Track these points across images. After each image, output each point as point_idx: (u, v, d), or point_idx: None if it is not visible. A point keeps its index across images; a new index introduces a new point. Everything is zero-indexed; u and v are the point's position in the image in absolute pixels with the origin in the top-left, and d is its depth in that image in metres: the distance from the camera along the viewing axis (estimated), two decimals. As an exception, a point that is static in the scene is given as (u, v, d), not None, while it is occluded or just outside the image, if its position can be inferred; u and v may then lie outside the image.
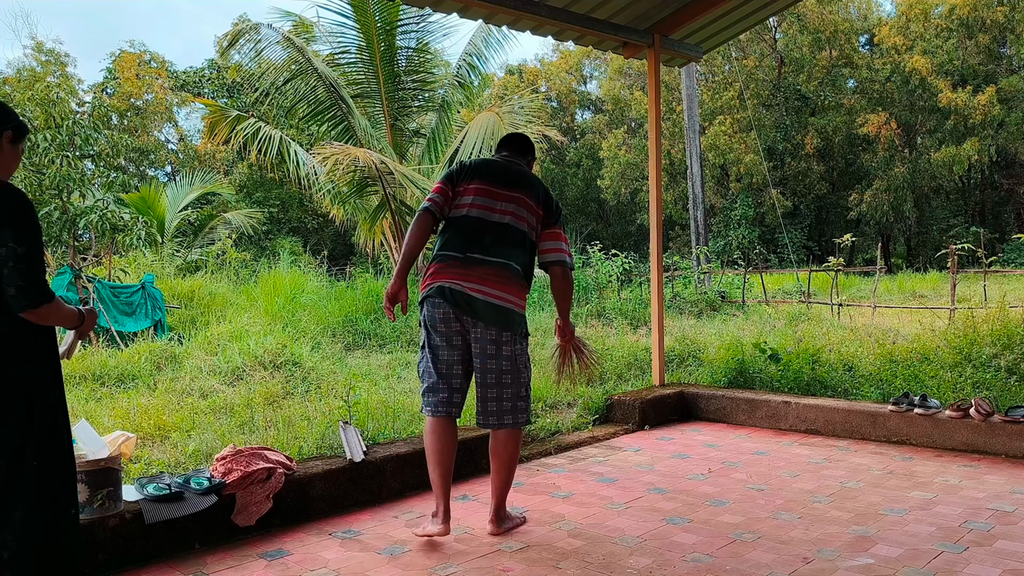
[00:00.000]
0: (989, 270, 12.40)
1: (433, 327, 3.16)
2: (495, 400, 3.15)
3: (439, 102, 14.58)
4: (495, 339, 3.11)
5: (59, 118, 9.68)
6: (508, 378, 3.14)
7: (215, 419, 4.94)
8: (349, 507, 3.58)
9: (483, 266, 3.10)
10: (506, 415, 3.15)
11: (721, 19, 5.66)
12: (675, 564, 2.87)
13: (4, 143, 2.25)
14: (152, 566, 2.93)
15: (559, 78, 37.17)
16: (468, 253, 3.12)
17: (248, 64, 14.88)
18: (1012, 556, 2.86)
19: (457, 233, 3.17)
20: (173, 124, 33.48)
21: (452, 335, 3.14)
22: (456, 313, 3.10)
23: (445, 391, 3.18)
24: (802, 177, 29.36)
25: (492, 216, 3.16)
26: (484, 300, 3.07)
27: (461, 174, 3.25)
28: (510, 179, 3.25)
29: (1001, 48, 28.40)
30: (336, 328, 9.41)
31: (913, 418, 4.53)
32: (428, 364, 3.21)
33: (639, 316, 10.74)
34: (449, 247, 3.16)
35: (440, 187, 3.22)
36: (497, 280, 3.10)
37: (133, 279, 10.42)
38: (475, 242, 3.13)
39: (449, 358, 3.17)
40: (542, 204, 3.26)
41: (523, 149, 3.47)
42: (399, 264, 3.17)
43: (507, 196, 3.20)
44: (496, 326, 3.10)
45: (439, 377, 3.17)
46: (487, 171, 3.26)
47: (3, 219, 2.11)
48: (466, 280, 3.08)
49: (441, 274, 3.13)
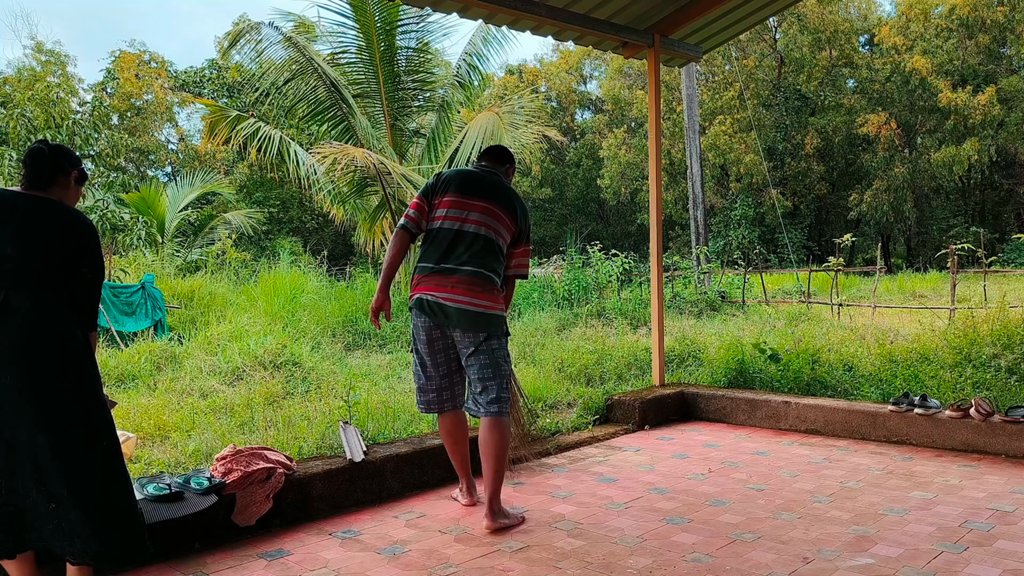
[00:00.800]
0: (989, 270, 12.40)
1: (417, 336, 3.44)
2: (481, 393, 3.38)
3: (439, 102, 14.58)
4: (473, 340, 3.35)
5: (59, 118, 9.69)
6: (489, 372, 3.36)
7: (215, 419, 4.94)
8: (349, 507, 3.58)
9: (456, 275, 3.33)
10: (492, 404, 3.35)
11: (721, 19, 5.66)
12: (675, 564, 2.87)
13: (72, 181, 2.60)
14: (152, 566, 2.93)
15: (559, 78, 37.18)
16: (442, 264, 3.36)
17: (249, 64, 14.88)
18: (1012, 556, 2.86)
19: (432, 245, 3.41)
20: (173, 124, 33.50)
21: (434, 341, 3.41)
22: (435, 322, 3.36)
23: (434, 391, 3.49)
24: (802, 177, 29.36)
25: (464, 226, 3.37)
26: (457, 308, 3.30)
27: (436, 187, 3.46)
28: (483, 189, 3.44)
29: (1001, 48, 28.40)
30: (336, 328, 9.41)
31: (913, 418, 4.53)
32: (417, 367, 3.52)
33: (639, 316, 10.73)
34: (426, 259, 3.41)
35: (416, 203, 3.45)
36: (470, 287, 3.32)
37: (133, 279, 10.42)
38: (448, 253, 3.36)
39: (434, 362, 3.44)
40: (517, 221, 3.49)
41: (501, 158, 3.66)
42: (381, 279, 3.44)
43: (479, 207, 3.40)
44: (472, 329, 3.33)
45: (427, 379, 3.48)
46: (460, 183, 3.45)
47: (85, 246, 2.49)
48: (441, 290, 3.33)
49: (420, 286, 3.39)
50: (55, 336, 2.40)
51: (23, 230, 2.41)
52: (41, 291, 2.40)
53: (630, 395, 5.35)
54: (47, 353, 2.38)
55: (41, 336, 2.38)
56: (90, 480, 2.39)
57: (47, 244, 2.42)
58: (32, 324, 2.38)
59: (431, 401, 3.50)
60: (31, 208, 2.44)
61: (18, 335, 2.36)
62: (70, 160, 2.60)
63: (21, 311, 2.37)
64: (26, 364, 2.35)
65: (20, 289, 2.38)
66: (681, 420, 5.42)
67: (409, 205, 3.47)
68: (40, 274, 2.41)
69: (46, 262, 2.41)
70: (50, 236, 2.43)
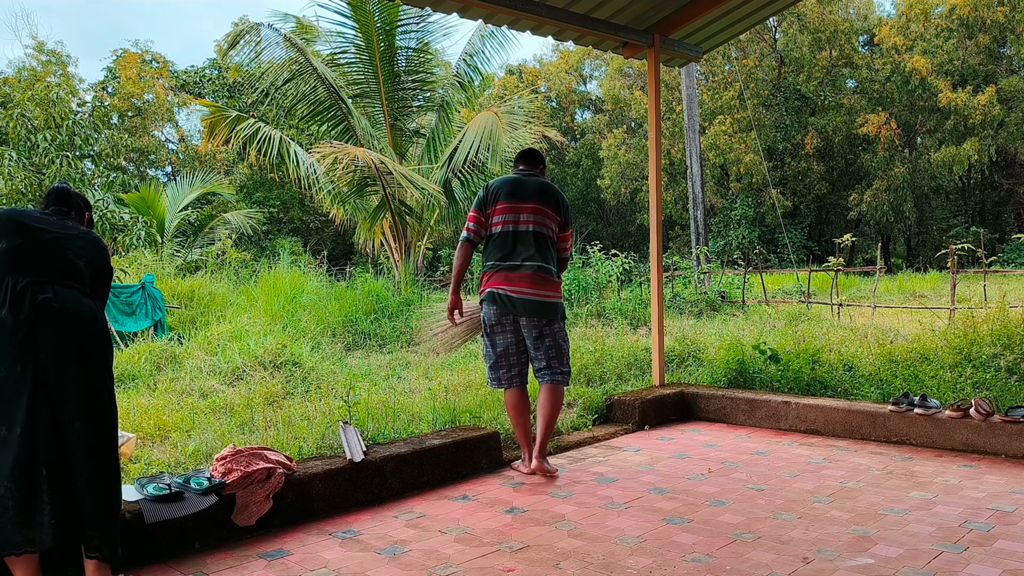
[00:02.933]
0: (989, 270, 12.39)
1: (489, 322, 4.07)
2: (546, 369, 4.05)
3: (439, 102, 14.58)
4: (536, 324, 4.01)
5: (59, 118, 9.68)
6: (552, 352, 4.04)
7: (215, 419, 4.94)
8: (349, 507, 3.58)
9: (520, 270, 3.97)
10: (556, 374, 4.06)
11: (721, 19, 5.66)
12: (675, 564, 2.87)
13: (86, 222, 2.95)
14: (152, 566, 2.93)
15: (559, 78, 37.16)
16: (508, 262, 3.99)
17: (248, 65, 14.87)
18: (1012, 556, 2.86)
19: (496, 247, 4.03)
20: (174, 124, 33.49)
21: (505, 327, 4.05)
22: (504, 310, 4.00)
23: (505, 368, 4.08)
24: (802, 177, 29.36)
25: (519, 227, 4.00)
26: (523, 299, 3.96)
27: (487, 199, 4.06)
28: (529, 192, 4.06)
29: (1001, 48, 28.39)
30: (336, 328, 9.40)
31: (913, 418, 4.53)
32: (489, 350, 4.11)
33: (639, 316, 10.73)
34: (492, 258, 4.04)
35: (474, 216, 4.08)
36: (532, 281, 3.96)
37: (133, 279, 10.41)
38: (511, 251, 3.99)
39: (505, 345, 4.06)
40: (561, 211, 4.12)
41: (535, 160, 4.24)
42: (452, 283, 4.17)
43: (529, 208, 4.02)
44: (536, 316, 3.99)
45: (498, 358, 4.08)
46: (508, 190, 4.05)
47: (107, 263, 2.85)
48: (508, 284, 3.97)
49: (490, 281, 4.04)
50: (99, 330, 2.66)
51: (59, 237, 2.71)
52: (78, 288, 2.66)
53: (630, 395, 5.35)
54: (95, 344, 2.63)
55: (88, 328, 2.62)
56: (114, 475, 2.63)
57: (78, 251, 2.72)
58: (79, 317, 2.60)
59: (500, 378, 4.08)
60: (64, 220, 2.79)
61: (65, 326, 2.56)
62: (88, 206, 3.02)
63: (68, 305, 2.59)
64: (76, 354, 2.58)
65: (61, 285, 2.61)
66: (681, 420, 5.42)
67: (468, 219, 4.10)
68: (79, 274, 2.68)
69: (78, 266, 2.69)
70: (82, 244, 2.75)
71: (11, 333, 2.48)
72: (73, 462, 2.51)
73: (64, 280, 2.62)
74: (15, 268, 2.56)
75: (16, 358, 2.47)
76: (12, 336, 2.48)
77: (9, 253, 2.58)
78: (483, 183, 14.07)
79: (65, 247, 2.67)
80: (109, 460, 2.61)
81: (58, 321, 2.54)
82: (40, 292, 2.54)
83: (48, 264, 2.61)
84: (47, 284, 2.57)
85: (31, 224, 2.66)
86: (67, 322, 2.56)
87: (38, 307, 2.52)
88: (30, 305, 2.51)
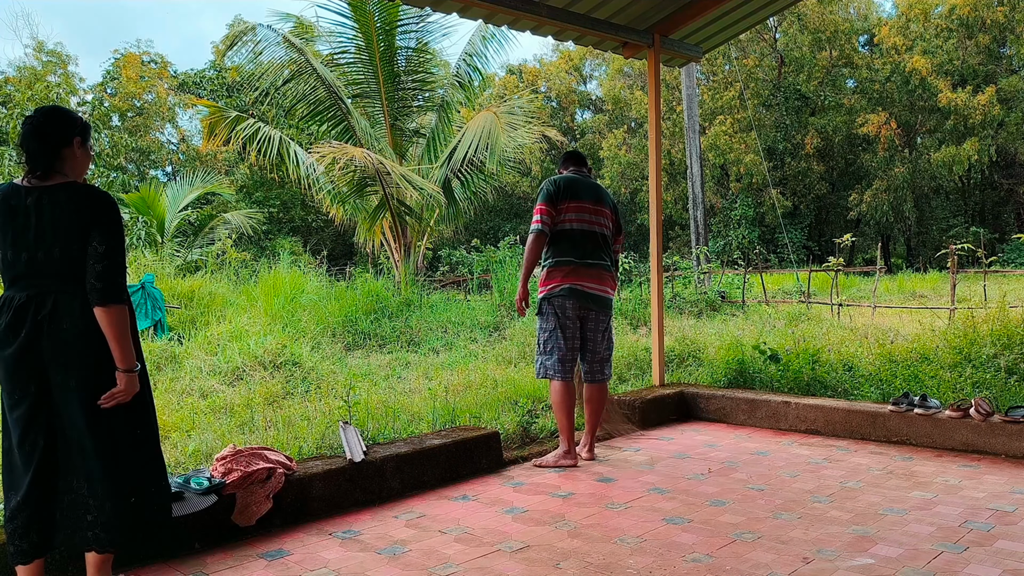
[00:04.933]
0: (989, 270, 12.39)
1: (565, 315, 4.20)
2: (600, 363, 4.33)
3: (439, 102, 14.57)
4: (604, 318, 4.30)
5: (59, 118, 9.66)
6: (610, 349, 4.39)
7: (215, 419, 4.94)
8: (349, 507, 3.58)
9: (591, 268, 4.21)
10: (606, 372, 4.37)
11: (721, 19, 5.66)
12: (675, 564, 2.87)
13: (75, 148, 2.49)
14: (152, 566, 2.93)
15: (559, 78, 37.17)
16: (581, 259, 4.19)
17: (248, 65, 14.86)
18: (1012, 556, 2.86)
19: (569, 244, 4.19)
20: (174, 124, 33.49)
21: (575, 322, 4.22)
22: (580, 303, 4.19)
23: (570, 361, 4.23)
24: (802, 177, 29.36)
25: (591, 228, 4.23)
26: (595, 294, 4.22)
27: (558, 195, 4.19)
28: (594, 194, 4.29)
29: (1001, 48, 28.41)
30: (336, 328, 9.40)
31: (913, 418, 4.53)
32: (559, 342, 4.21)
33: (639, 316, 10.73)
34: (566, 255, 4.19)
35: (545, 208, 4.16)
36: (600, 278, 4.24)
37: (133, 279, 10.41)
38: (584, 251, 4.20)
39: (573, 338, 4.22)
40: (615, 214, 4.42)
41: (584, 161, 4.48)
42: (523, 275, 4.27)
43: (598, 211, 4.28)
44: (604, 310, 4.29)
45: (568, 351, 4.21)
46: (577, 189, 4.23)
47: (91, 219, 2.38)
48: (582, 279, 4.18)
49: (567, 277, 4.18)
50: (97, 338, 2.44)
51: (44, 230, 2.37)
52: (81, 287, 2.41)
53: (630, 395, 5.35)
54: (98, 351, 2.44)
55: (88, 335, 2.43)
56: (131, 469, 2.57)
57: (68, 237, 2.37)
58: (82, 323, 2.42)
59: (563, 370, 4.20)
60: (42, 205, 2.37)
61: (69, 335, 2.41)
62: (69, 126, 2.47)
63: (73, 313, 2.41)
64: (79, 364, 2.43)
65: (65, 292, 2.40)
66: (681, 420, 5.42)
67: (538, 212, 4.17)
68: (80, 269, 2.39)
69: (76, 256, 2.39)
70: (69, 228, 2.36)
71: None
72: (76, 464, 2.46)
73: (62, 280, 2.50)
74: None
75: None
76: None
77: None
78: (483, 182, 14.09)
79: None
80: (115, 456, 2.48)
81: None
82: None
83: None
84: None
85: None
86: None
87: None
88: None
